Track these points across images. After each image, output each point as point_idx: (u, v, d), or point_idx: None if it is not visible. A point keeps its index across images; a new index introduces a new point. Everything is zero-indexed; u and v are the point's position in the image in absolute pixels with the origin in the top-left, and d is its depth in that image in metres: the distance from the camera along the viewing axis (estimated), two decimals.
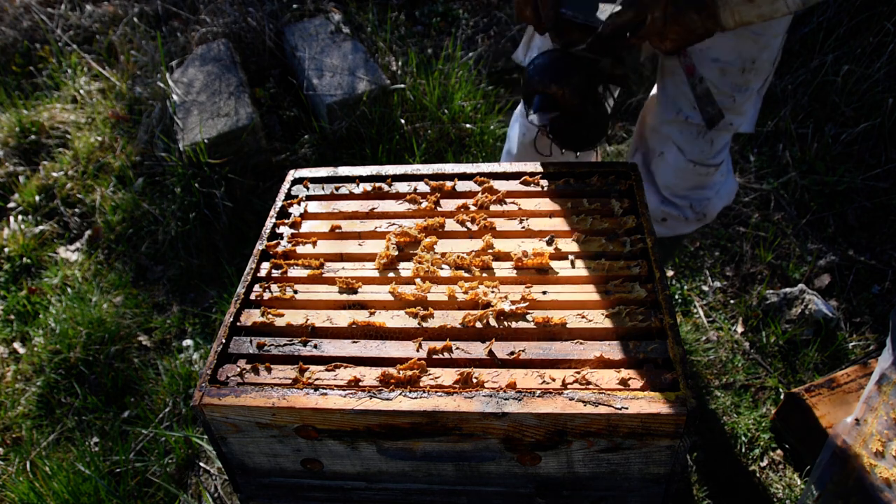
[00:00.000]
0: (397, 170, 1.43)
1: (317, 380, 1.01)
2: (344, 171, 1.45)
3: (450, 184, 1.38)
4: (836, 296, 2.33)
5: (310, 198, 1.41)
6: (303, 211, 1.37)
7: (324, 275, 1.21)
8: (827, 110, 2.86)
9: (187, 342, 2.43)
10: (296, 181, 1.45)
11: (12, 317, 2.64)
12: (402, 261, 1.22)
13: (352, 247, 1.27)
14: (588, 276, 1.15)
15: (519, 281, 1.16)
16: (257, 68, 3.44)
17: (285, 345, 1.08)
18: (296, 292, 1.18)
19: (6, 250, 2.91)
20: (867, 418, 1.46)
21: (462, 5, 3.92)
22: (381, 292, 1.16)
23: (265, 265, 1.25)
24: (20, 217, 3.06)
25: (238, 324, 1.14)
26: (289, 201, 1.39)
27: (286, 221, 1.34)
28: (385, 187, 1.39)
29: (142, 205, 2.91)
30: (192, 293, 2.65)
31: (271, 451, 1.06)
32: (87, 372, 2.35)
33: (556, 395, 0.95)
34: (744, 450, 1.95)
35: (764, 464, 1.92)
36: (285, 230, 1.32)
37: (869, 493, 1.39)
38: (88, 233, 2.95)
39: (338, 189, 1.41)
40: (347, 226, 1.32)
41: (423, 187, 1.38)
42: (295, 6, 3.70)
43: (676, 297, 2.40)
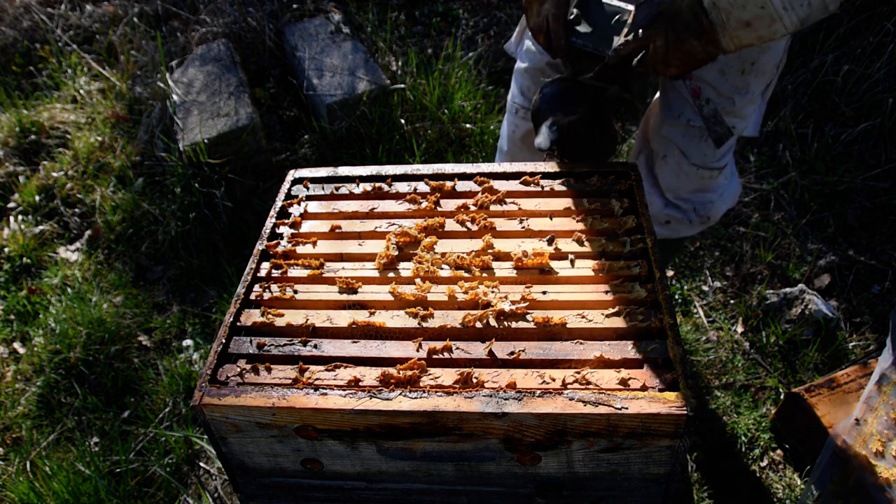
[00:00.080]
0: (397, 170, 1.43)
1: (317, 380, 1.01)
2: (344, 171, 1.45)
3: (450, 184, 1.38)
4: (836, 296, 2.33)
5: (310, 198, 1.41)
6: (303, 211, 1.37)
7: (324, 275, 1.21)
8: (827, 110, 2.86)
9: (187, 342, 2.43)
10: (296, 181, 1.45)
11: (12, 317, 2.64)
12: (402, 261, 1.22)
13: (352, 247, 1.27)
14: (588, 276, 1.15)
15: (519, 281, 1.16)
16: (257, 68, 3.44)
17: (285, 345, 1.08)
18: (296, 292, 1.18)
19: (6, 250, 2.91)
20: (867, 418, 1.46)
21: (462, 5, 3.92)
22: (381, 292, 1.16)
23: (265, 265, 1.25)
24: (20, 217, 3.07)
25: (238, 324, 1.14)
26: (289, 201, 1.39)
27: (286, 221, 1.34)
28: (385, 187, 1.39)
29: (142, 205, 2.91)
30: (192, 293, 2.65)
31: (271, 451, 1.06)
32: (87, 372, 2.35)
33: (556, 395, 0.95)
34: (744, 450, 1.95)
35: (764, 464, 1.92)
36: (285, 230, 1.32)
37: (869, 493, 1.39)
38: (88, 233, 2.96)
39: (338, 189, 1.41)
40: (347, 226, 1.32)
41: (423, 187, 1.38)
42: (295, 6, 3.70)
43: (676, 297, 2.40)
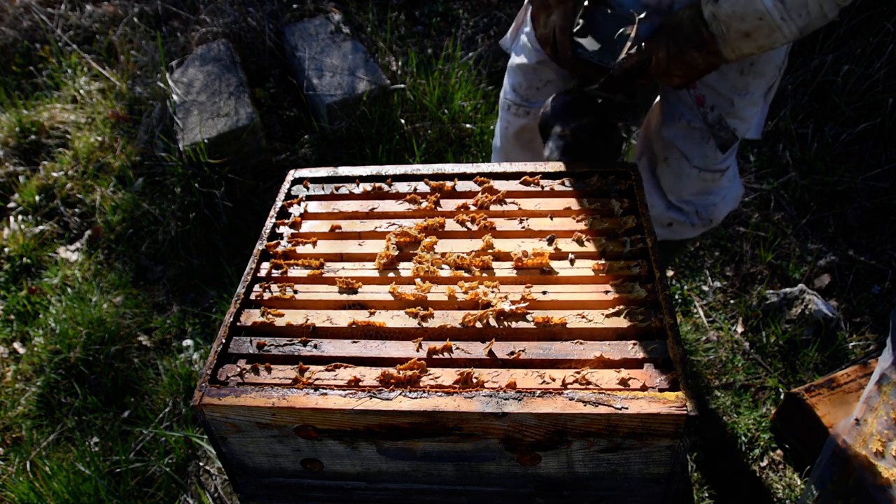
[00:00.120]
0: (397, 170, 1.43)
1: (317, 380, 1.01)
2: (344, 171, 1.45)
3: (450, 184, 1.38)
4: (836, 296, 2.33)
5: (310, 198, 1.41)
6: (303, 211, 1.37)
7: (324, 275, 1.21)
8: (827, 110, 2.86)
9: (187, 342, 2.43)
10: (296, 181, 1.45)
11: (12, 317, 2.64)
12: (402, 261, 1.22)
13: (352, 247, 1.27)
14: (588, 276, 1.15)
15: (519, 281, 1.16)
16: (257, 68, 3.44)
17: (285, 345, 1.08)
18: (296, 292, 1.18)
19: (6, 250, 2.91)
20: (867, 418, 1.45)
21: (462, 5, 3.92)
22: (381, 292, 1.16)
23: (265, 265, 1.25)
24: (20, 217, 3.07)
25: (238, 324, 1.14)
26: (289, 201, 1.39)
27: (286, 221, 1.34)
28: (385, 187, 1.39)
29: (142, 205, 2.91)
30: (192, 293, 2.65)
31: (271, 451, 1.06)
32: (87, 372, 2.35)
33: (556, 395, 0.95)
34: (744, 450, 1.95)
35: (764, 464, 1.92)
36: (285, 230, 1.32)
37: (869, 493, 1.39)
38: (88, 233, 2.96)
39: (338, 189, 1.41)
40: (347, 226, 1.32)
41: (423, 187, 1.38)
42: (295, 6, 3.70)
43: (676, 297, 2.39)
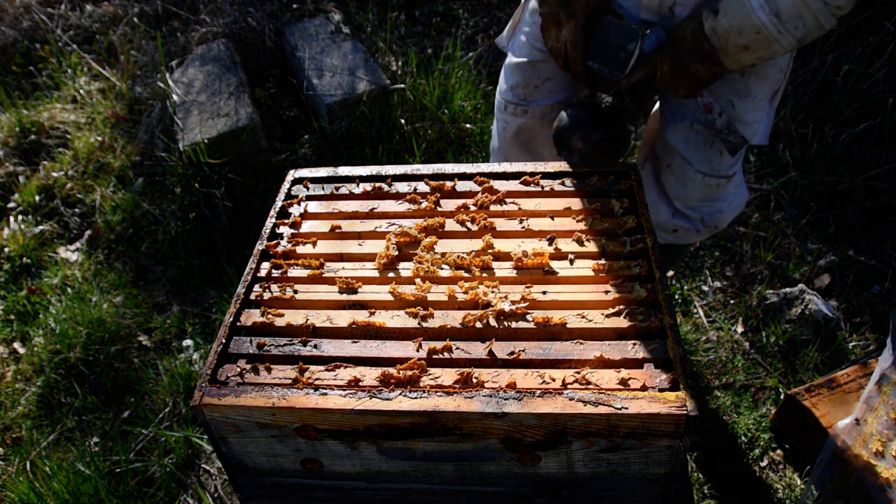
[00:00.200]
0: (397, 170, 1.43)
1: (317, 380, 1.01)
2: (344, 171, 1.45)
3: (450, 184, 1.38)
4: (836, 296, 2.33)
5: (310, 198, 1.41)
6: (303, 211, 1.37)
7: (324, 275, 1.21)
8: (827, 110, 2.86)
9: (187, 342, 2.43)
10: (296, 181, 1.45)
11: (12, 317, 2.64)
12: (402, 261, 1.22)
13: (352, 247, 1.27)
14: (588, 276, 1.15)
15: (519, 281, 1.16)
16: (257, 68, 3.44)
17: (285, 345, 1.08)
18: (296, 292, 1.18)
19: (6, 250, 2.91)
20: (867, 418, 1.45)
21: (462, 5, 3.92)
22: (381, 292, 1.16)
23: (265, 265, 1.25)
24: (20, 217, 3.07)
25: (238, 324, 1.14)
26: (289, 201, 1.39)
27: (286, 221, 1.34)
28: (385, 187, 1.39)
29: (142, 205, 2.91)
30: (192, 293, 2.65)
31: (271, 451, 1.06)
32: (87, 372, 2.35)
33: (556, 395, 0.95)
34: (744, 450, 1.95)
35: (764, 464, 1.92)
36: (285, 230, 1.32)
37: (869, 493, 1.39)
38: (88, 233, 2.96)
39: (338, 189, 1.41)
40: (347, 226, 1.32)
41: (423, 187, 1.38)
42: (295, 6, 3.70)
43: (676, 297, 2.39)
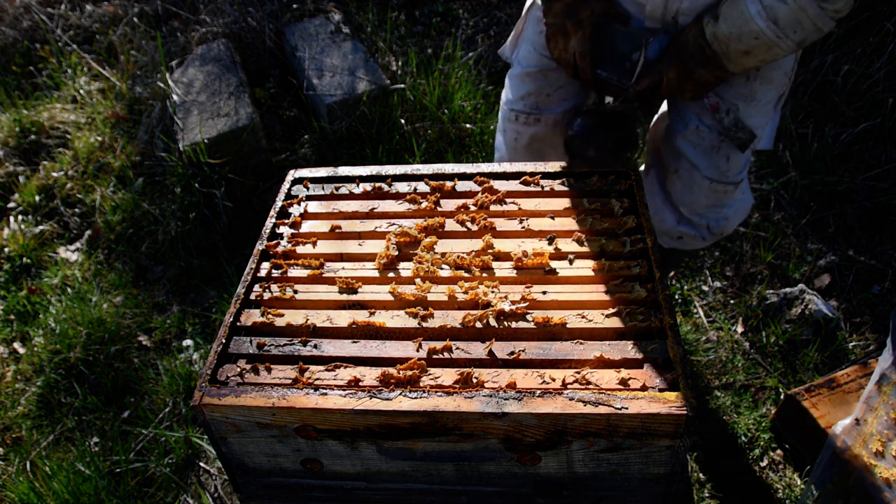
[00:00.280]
0: (397, 170, 1.43)
1: (317, 380, 1.01)
2: (344, 171, 1.45)
3: (450, 184, 1.38)
4: (836, 296, 2.33)
5: (310, 198, 1.41)
6: (303, 211, 1.37)
7: (324, 275, 1.21)
8: (827, 110, 2.86)
9: (187, 342, 2.43)
10: (296, 181, 1.45)
11: (12, 317, 2.64)
12: (402, 261, 1.22)
13: (352, 247, 1.27)
14: (588, 276, 1.15)
15: (519, 281, 1.16)
16: (257, 68, 3.44)
17: (285, 345, 1.08)
18: (296, 292, 1.18)
19: (6, 250, 2.91)
20: (867, 418, 1.45)
21: (462, 5, 3.92)
22: (381, 292, 1.16)
23: (265, 265, 1.25)
24: (20, 217, 3.06)
25: (238, 324, 1.14)
26: (289, 201, 1.39)
27: (286, 221, 1.34)
28: (385, 187, 1.39)
29: (142, 205, 2.91)
30: (192, 293, 2.65)
31: (271, 451, 1.06)
32: (87, 372, 2.35)
33: (556, 395, 0.95)
34: (744, 450, 1.95)
35: (764, 464, 1.92)
36: (285, 230, 1.32)
37: (869, 493, 1.39)
38: (88, 233, 2.96)
39: (338, 189, 1.41)
40: (347, 226, 1.32)
41: (423, 187, 1.38)
42: (295, 6, 3.70)
43: (676, 297, 2.39)
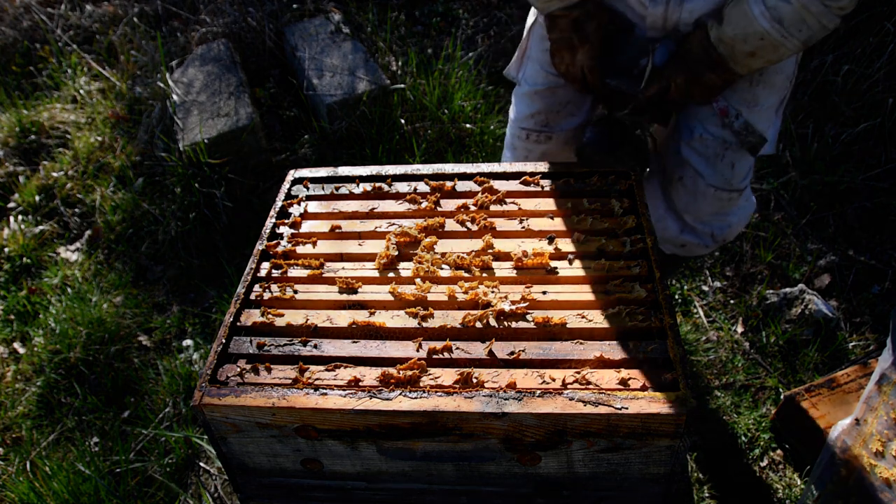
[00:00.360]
0: (397, 170, 1.43)
1: (317, 380, 1.01)
2: (344, 171, 1.45)
3: (450, 184, 1.38)
4: (836, 296, 2.33)
5: (310, 198, 1.41)
6: (303, 211, 1.37)
7: (324, 275, 1.21)
8: (827, 110, 2.86)
9: (187, 342, 2.43)
10: (296, 181, 1.45)
11: (12, 317, 2.64)
12: (402, 261, 1.22)
13: (352, 247, 1.27)
14: (588, 276, 1.15)
15: (519, 281, 1.16)
16: (257, 68, 3.44)
17: (285, 345, 1.08)
18: (296, 292, 1.18)
19: (6, 250, 2.91)
20: (867, 418, 1.45)
21: (462, 5, 3.92)
22: (381, 292, 1.16)
23: (265, 265, 1.25)
24: (20, 217, 3.06)
25: (238, 324, 1.14)
26: (289, 201, 1.39)
27: (286, 221, 1.34)
28: (385, 187, 1.39)
29: (142, 205, 2.91)
30: (192, 293, 2.65)
31: (271, 451, 1.06)
32: (87, 372, 2.35)
33: (556, 395, 0.95)
34: (744, 450, 1.95)
35: (764, 464, 1.92)
36: (285, 230, 1.32)
37: (869, 493, 1.39)
38: (88, 233, 2.95)
39: (338, 189, 1.41)
40: (347, 226, 1.32)
41: (423, 187, 1.38)
42: (295, 6, 3.70)
43: (676, 297, 2.39)
